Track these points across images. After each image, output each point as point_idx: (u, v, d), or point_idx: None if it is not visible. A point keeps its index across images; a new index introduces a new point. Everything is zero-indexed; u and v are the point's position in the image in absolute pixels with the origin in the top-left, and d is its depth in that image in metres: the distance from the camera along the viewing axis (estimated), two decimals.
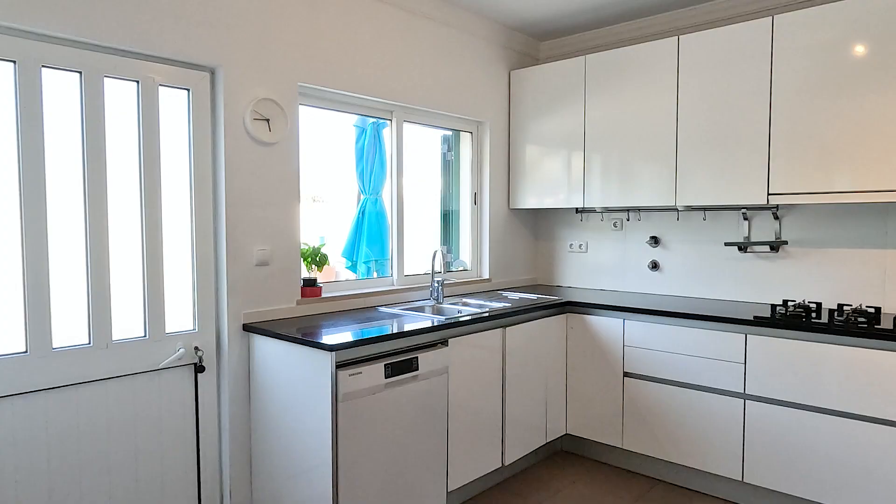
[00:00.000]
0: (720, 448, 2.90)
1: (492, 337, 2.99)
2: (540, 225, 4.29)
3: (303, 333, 2.47)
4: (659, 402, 3.09)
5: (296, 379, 2.42)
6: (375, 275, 3.66)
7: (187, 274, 2.54)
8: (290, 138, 2.80)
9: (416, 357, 2.57)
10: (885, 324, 2.61)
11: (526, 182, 3.95)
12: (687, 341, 2.98)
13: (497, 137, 3.95)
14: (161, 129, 2.44)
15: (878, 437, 2.48)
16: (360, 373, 2.35)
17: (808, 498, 2.66)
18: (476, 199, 3.94)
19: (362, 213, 3.71)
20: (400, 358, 2.51)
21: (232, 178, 2.59)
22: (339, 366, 2.32)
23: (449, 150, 4.03)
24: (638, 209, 3.74)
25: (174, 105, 2.49)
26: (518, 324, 3.14)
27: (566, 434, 3.51)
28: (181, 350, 2.50)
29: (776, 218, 3.22)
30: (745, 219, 3.33)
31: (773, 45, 2.92)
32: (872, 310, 2.84)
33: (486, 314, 2.97)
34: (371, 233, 3.72)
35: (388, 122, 3.43)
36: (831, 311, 2.72)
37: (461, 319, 2.81)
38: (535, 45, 4.14)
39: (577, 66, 3.64)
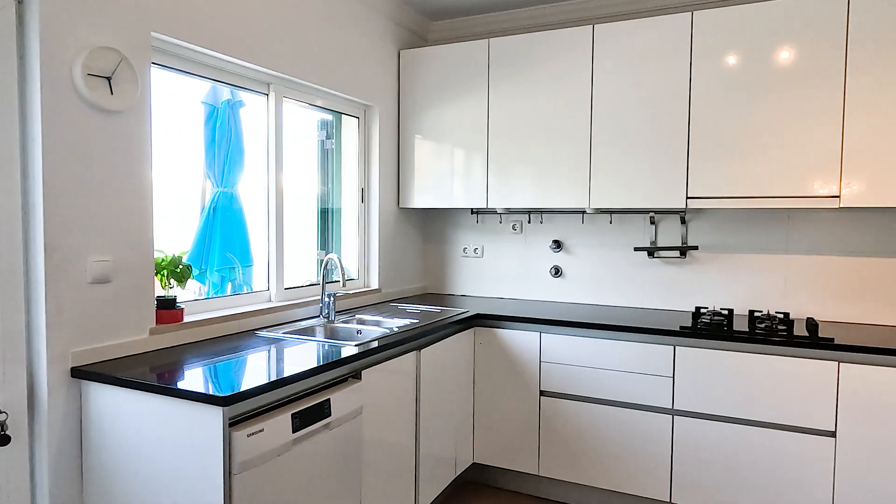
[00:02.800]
0: (647, 469, 2.71)
1: (406, 362, 2.49)
2: (429, 227, 3.85)
3: (168, 378, 1.76)
4: (580, 423, 2.83)
5: (161, 446, 1.71)
6: (230, 286, 2.95)
7: None
8: (142, 107, 2.04)
9: (328, 399, 1.98)
10: (799, 330, 2.61)
11: (417, 178, 3.48)
12: (611, 355, 2.76)
13: (387, 125, 3.43)
14: None
15: (803, 447, 2.43)
16: (262, 430, 1.72)
17: None
18: (364, 197, 3.38)
19: (213, 209, 2.96)
20: (309, 403, 1.90)
21: (53, 159, 1.78)
22: (233, 422, 1.67)
23: (328, 138, 3.42)
24: (541, 211, 3.48)
25: None
26: (432, 343, 2.68)
27: (473, 464, 3.12)
28: None
29: (683, 222, 3.15)
30: (653, 223, 3.22)
31: (693, 42, 2.80)
32: (782, 315, 2.85)
33: (401, 335, 2.46)
34: (226, 234, 3.00)
35: (265, 96, 2.75)
36: (751, 319, 2.67)
37: (376, 345, 2.27)
38: (425, 23, 3.70)
39: (480, 51, 3.27)
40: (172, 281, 2.22)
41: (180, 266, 2.23)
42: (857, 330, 2.67)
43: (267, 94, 2.74)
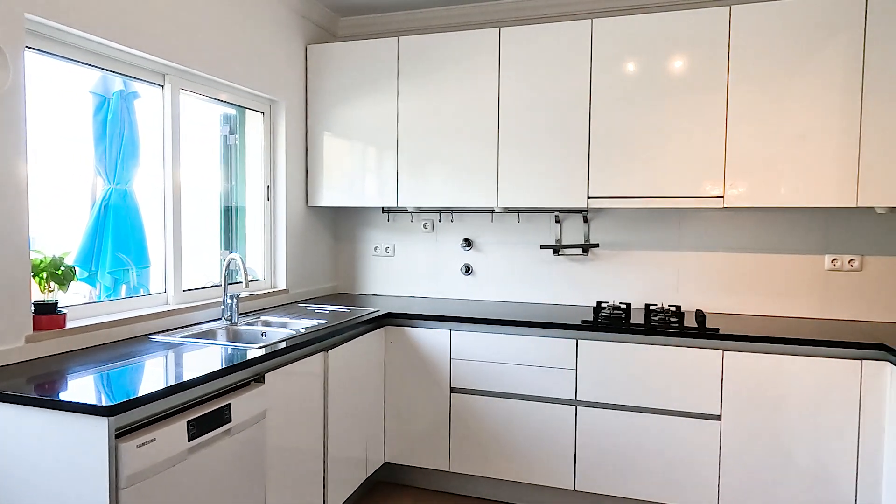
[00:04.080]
0: (552, 459, 2.80)
1: (314, 363, 2.43)
2: (340, 226, 3.79)
3: (47, 389, 1.62)
4: (489, 418, 2.88)
5: (39, 464, 1.58)
6: (123, 289, 2.77)
7: None
8: (14, 95, 1.87)
9: (229, 405, 1.90)
10: (689, 322, 2.78)
11: (327, 176, 3.42)
12: (518, 350, 2.83)
13: (294, 121, 3.34)
14: None
15: (692, 431, 2.60)
16: (154, 440, 1.62)
17: (637, 498, 2.69)
18: (270, 194, 3.27)
19: (104, 207, 2.77)
20: (207, 409, 1.82)
21: None
22: (120, 434, 1.56)
23: (231, 133, 3.29)
24: (452, 210, 3.51)
25: None
26: (341, 344, 2.63)
27: (385, 463, 3.10)
28: None
29: (586, 221, 3.27)
30: (557, 222, 3.33)
31: (593, 48, 2.92)
32: (674, 308, 3.03)
33: (308, 336, 2.40)
34: (119, 234, 2.82)
35: (161, 88, 2.60)
36: (647, 312, 2.82)
37: (283, 346, 2.21)
38: (335, 19, 3.63)
39: (389, 49, 3.25)
40: (53, 284, 2.05)
41: (62, 267, 2.07)
42: (740, 320, 2.89)
43: (162, 86, 2.60)
